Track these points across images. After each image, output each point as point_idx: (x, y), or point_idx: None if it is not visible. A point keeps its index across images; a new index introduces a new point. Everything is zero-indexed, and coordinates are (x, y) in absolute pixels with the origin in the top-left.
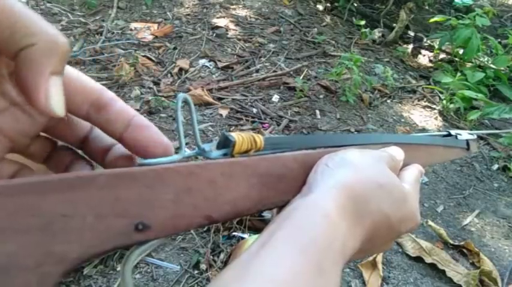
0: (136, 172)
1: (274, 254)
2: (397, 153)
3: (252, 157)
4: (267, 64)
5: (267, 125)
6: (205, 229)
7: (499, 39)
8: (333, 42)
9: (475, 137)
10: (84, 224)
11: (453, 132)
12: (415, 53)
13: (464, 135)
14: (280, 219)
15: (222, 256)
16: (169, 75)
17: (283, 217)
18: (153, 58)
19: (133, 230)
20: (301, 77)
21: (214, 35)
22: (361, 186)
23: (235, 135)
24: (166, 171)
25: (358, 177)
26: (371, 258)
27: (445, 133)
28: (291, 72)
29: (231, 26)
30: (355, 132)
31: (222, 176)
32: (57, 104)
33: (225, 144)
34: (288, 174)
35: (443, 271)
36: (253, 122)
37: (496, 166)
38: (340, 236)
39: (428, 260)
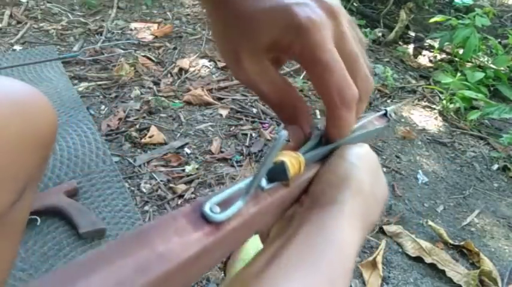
0: (211, 243)
1: (286, 271)
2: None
3: (282, 190)
4: None
5: (267, 125)
6: None
7: (499, 39)
8: None
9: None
10: None
11: (389, 109)
12: (416, 53)
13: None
14: (289, 232)
15: None
16: (169, 75)
17: (291, 230)
18: (153, 58)
19: None
20: (301, 77)
21: None
22: (369, 204)
23: (288, 163)
24: (231, 231)
25: (368, 193)
26: (371, 258)
27: (383, 112)
28: (291, 72)
29: None
30: None
31: (261, 216)
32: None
33: (279, 171)
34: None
35: (443, 271)
36: (253, 122)
37: (496, 166)
38: (353, 249)
39: (428, 260)
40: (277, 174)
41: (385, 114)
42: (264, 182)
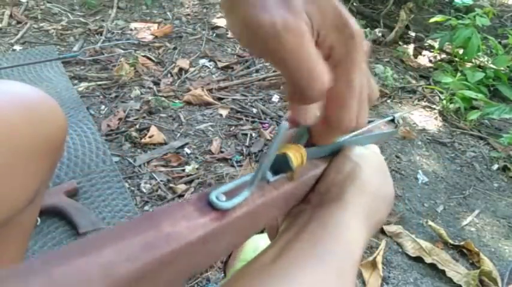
0: (217, 228)
1: (295, 262)
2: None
3: (287, 185)
4: (267, 64)
5: (267, 125)
6: None
7: (499, 39)
8: None
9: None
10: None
11: (396, 115)
12: (416, 53)
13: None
14: (297, 228)
15: None
16: (169, 75)
17: (298, 226)
18: (153, 58)
19: (185, 280)
20: None
21: (214, 35)
22: (374, 202)
23: (291, 155)
24: (236, 219)
25: (372, 191)
26: (371, 258)
27: (391, 118)
28: None
29: None
30: None
31: (267, 209)
32: None
33: (283, 163)
34: (298, 194)
35: (443, 271)
36: (253, 122)
37: (496, 166)
38: (358, 245)
39: (428, 260)
40: (281, 166)
41: (392, 120)
42: (269, 175)
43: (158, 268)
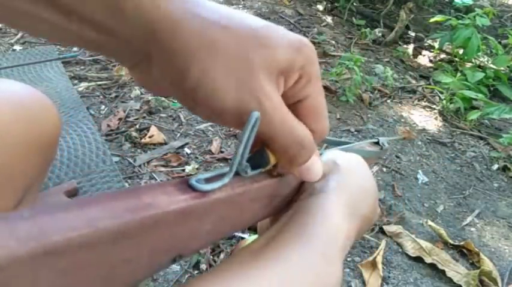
0: (197, 206)
1: (283, 244)
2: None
3: (268, 180)
4: None
5: None
6: None
7: (499, 39)
8: (333, 42)
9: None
10: (139, 264)
11: (381, 138)
12: (416, 53)
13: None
14: (285, 219)
15: (222, 256)
16: None
17: (286, 218)
18: None
19: (170, 261)
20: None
21: None
22: (356, 195)
23: (270, 154)
24: (216, 201)
25: (353, 185)
26: (371, 258)
27: (375, 140)
28: None
29: None
30: (355, 132)
31: (250, 201)
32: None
33: (261, 159)
34: (286, 192)
35: (443, 271)
36: None
37: (496, 166)
38: (342, 232)
39: (428, 260)
40: (259, 161)
41: (377, 142)
42: (248, 169)
43: (140, 228)
